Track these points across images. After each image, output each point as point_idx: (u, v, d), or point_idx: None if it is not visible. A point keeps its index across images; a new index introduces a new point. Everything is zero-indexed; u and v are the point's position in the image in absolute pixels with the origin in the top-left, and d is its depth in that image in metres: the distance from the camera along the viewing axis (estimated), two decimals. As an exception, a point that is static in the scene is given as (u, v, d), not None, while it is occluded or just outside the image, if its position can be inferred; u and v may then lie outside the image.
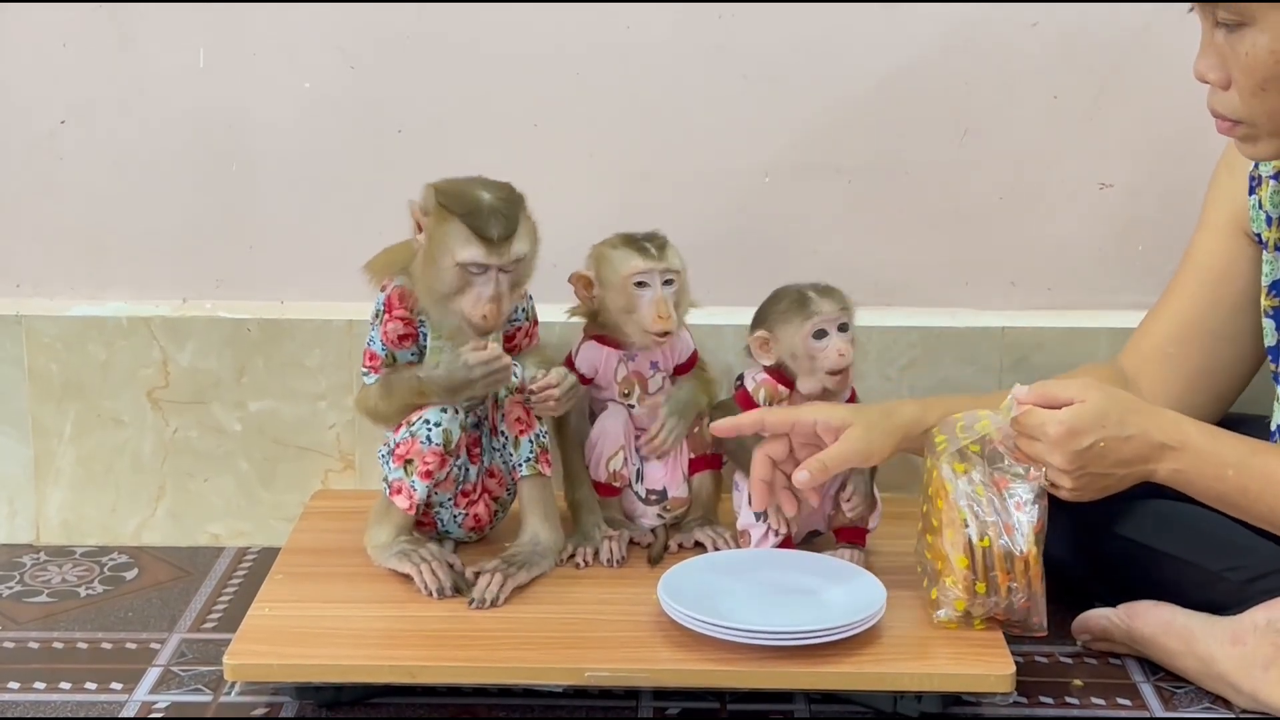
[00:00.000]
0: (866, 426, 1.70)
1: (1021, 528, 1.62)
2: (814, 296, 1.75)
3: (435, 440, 1.73)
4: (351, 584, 1.74)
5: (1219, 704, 1.66)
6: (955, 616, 1.65)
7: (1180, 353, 1.82)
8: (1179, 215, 1.95)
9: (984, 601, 1.64)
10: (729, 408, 1.79)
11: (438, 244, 1.68)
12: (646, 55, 1.98)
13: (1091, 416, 1.59)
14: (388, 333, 1.75)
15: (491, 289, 1.67)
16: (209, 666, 1.73)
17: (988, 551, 1.62)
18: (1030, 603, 1.64)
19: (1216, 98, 1.63)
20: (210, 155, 2.00)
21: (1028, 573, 1.63)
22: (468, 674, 1.61)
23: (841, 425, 1.69)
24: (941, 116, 2.00)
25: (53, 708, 1.67)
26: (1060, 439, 1.58)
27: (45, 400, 2.02)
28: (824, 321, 1.74)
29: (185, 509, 2.05)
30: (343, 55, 1.98)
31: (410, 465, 1.73)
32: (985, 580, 1.63)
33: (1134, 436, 1.59)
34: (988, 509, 1.63)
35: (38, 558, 2.01)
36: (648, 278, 1.75)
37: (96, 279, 2.03)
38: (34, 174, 2.01)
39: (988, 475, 1.63)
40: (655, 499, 1.81)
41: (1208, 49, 1.61)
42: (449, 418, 1.73)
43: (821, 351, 1.74)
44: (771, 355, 1.77)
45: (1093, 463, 1.59)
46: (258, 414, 2.03)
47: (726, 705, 1.67)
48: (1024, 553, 1.62)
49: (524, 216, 1.71)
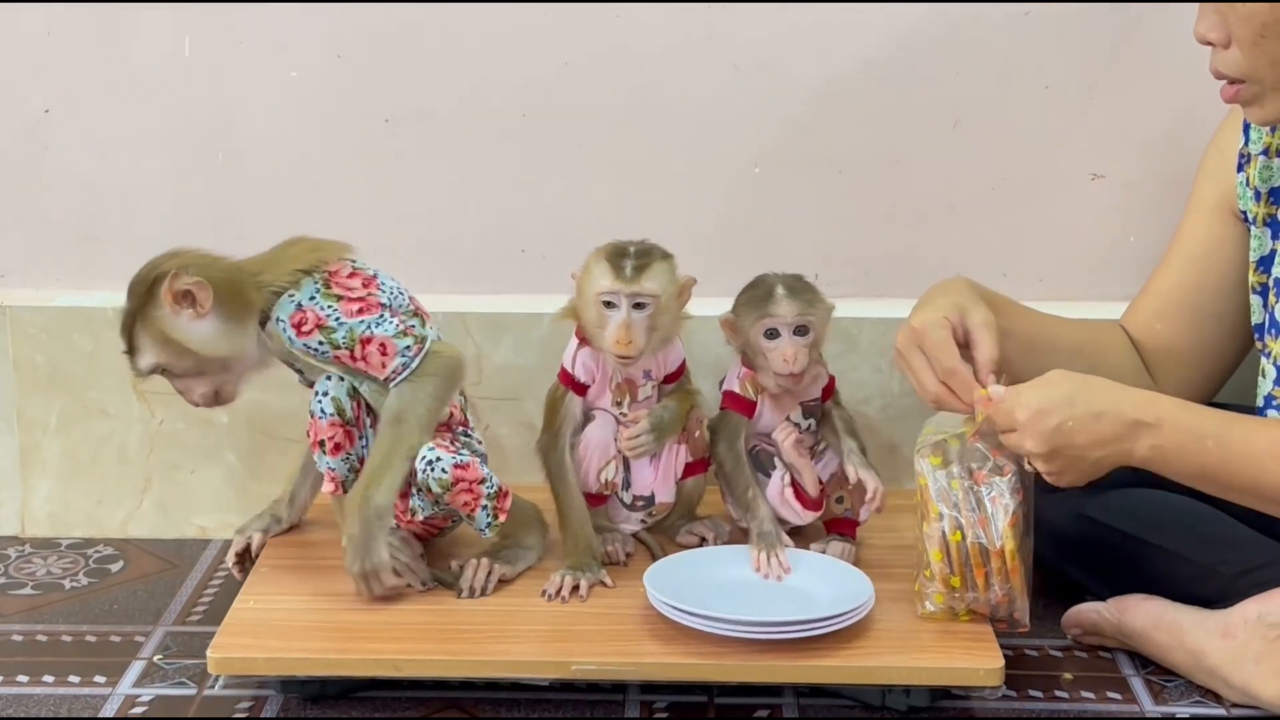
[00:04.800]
0: (978, 306, 1.67)
1: (997, 522, 1.61)
2: (779, 294, 1.72)
3: (328, 411, 1.71)
4: (337, 577, 1.72)
5: (1209, 698, 1.66)
6: (937, 609, 1.64)
7: (1166, 330, 1.82)
8: (1171, 206, 1.94)
9: (961, 596, 1.63)
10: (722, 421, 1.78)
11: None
12: (636, 45, 1.97)
13: (1057, 396, 1.58)
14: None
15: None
16: (194, 660, 1.72)
17: (961, 546, 1.62)
18: (1008, 597, 1.63)
19: (1219, 58, 1.63)
20: (197, 145, 2.00)
21: (1004, 568, 1.62)
22: (454, 667, 1.60)
23: (961, 314, 1.66)
24: (933, 107, 1.99)
25: (36, 701, 1.66)
26: (1028, 422, 1.58)
27: (31, 391, 2.01)
28: (778, 323, 1.72)
29: (172, 501, 2.04)
30: (330, 45, 1.97)
31: (323, 446, 1.72)
32: (960, 575, 1.63)
33: (1104, 414, 1.58)
34: (963, 503, 1.62)
35: (23, 550, 2.00)
36: (614, 299, 1.70)
37: (82, 269, 2.02)
38: (19, 163, 2.00)
39: (965, 470, 1.63)
40: (642, 505, 1.80)
41: (1206, 10, 1.62)
42: (334, 385, 1.71)
43: (772, 351, 1.73)
44: (736, 340, 1.76)
45: (1065, 444, 1.58)
46: (245, 406, 2.00)
47: (714, 699, 1.66)
48: (999, 547, 1.61)
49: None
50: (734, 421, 1.78)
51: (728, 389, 1.79)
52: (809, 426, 1.79)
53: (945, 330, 1.66)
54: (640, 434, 1.75)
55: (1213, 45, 1.63)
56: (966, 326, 1.67)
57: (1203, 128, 1.88)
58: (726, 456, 1.77)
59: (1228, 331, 1.82)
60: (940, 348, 1.66)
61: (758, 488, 1.75)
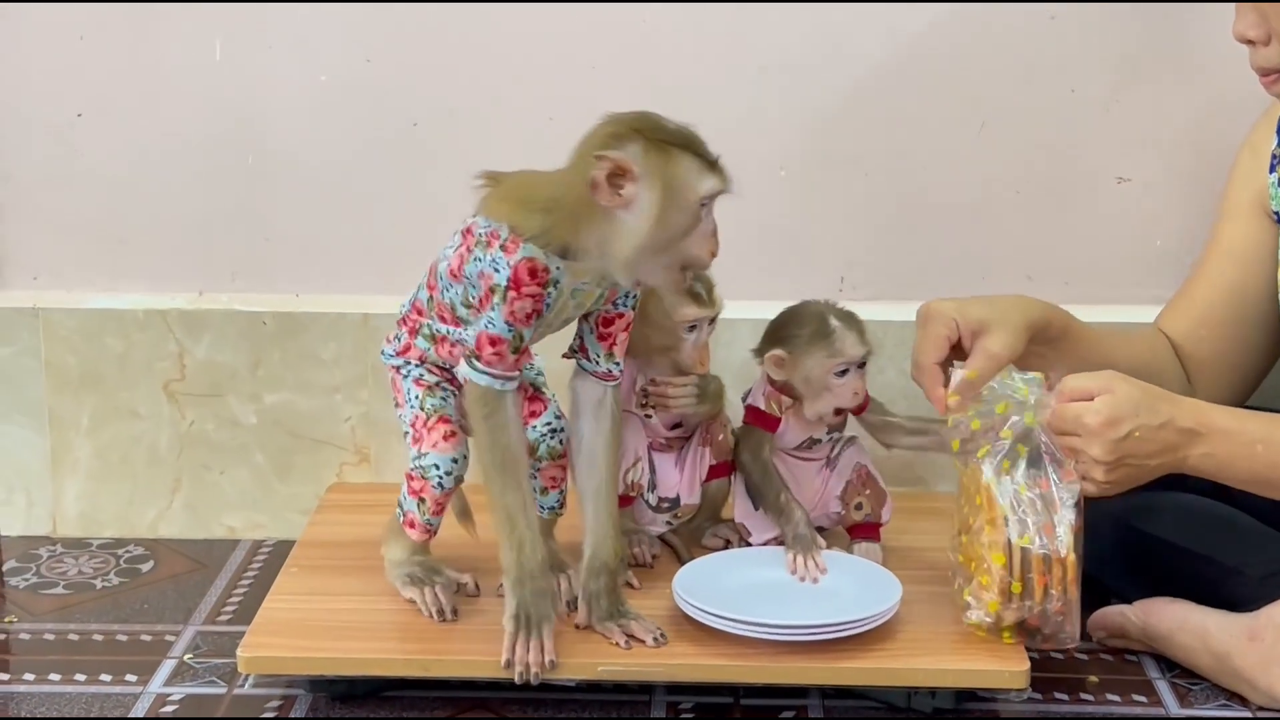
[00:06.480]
0: (1008, 328, 1.66)
1: (1062, 530, 1.59)
2: (837, 328, 1.72)
3: (446, 486, 1.67)
4: (366, 577, 1.73)
5: (1235, 700, 1.66)
6: (986, 620, 1.61)
7: (1208, 335, 1.82)
8: (1197, 209, 1.94)
9: (1018, 605, 1.59)
10: (746, 433, 1.78)
11: (672, 184, 1.52)
12: (663, 48, 1.98)
13: (1127, 404, 1.57)
14: (515, 311, 1.56)
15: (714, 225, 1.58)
16: (223, 659, 1.74)
17: (1027, 551, 1.58)
18: (1065, 609, 1.60)
19: (1260, 55, 1.64)
20: (226, 148, 2.01)
21: (1065, 578, 1.59)
22: (481, 668, 1.61)
23: (980, 327, 1.66)
24: (959, 109, 1.99)
25: (68, 699, 1.67)
26: (1099, 429, 1.56)
27: (62, 392, 2.02)
28: (848, 362, 1.73)
29: (201, 501, 2.05)
30: (358, 48, 1.98)
31: (423, 503, 1.68)
32: (1022, 581, 1.59)
33: (1166, 423, 1.58)
34: (1029, 509, 1.59)
35: (54, 549, 2.02)
36: (699, 323, 1.74)
37: (113, 271, 2.04)
38: (51, 167, 2.01)
39: (1031, 475, 1.59)
40: (667, 506, 1.80)
41: (1244, 9, 1.63)
42: (459, 465, 1.66)
43: (840, 387, 1.74)
44: (784, 374, 1.76)
45: (1130, 452, 1.57)
46: (273, 407, 2.03)
47: (740, 700, 1.66)
48: (1063, 556, 1.59)
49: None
50: (758, 435, 1.78)
51: (752, 404, 1.79)
52: (830, 436, 1.79)
53: (942, 329, 1.67)
54: (687, 385, 1.75)
55: (1252, 44, 1.63)
56: (975, 340, 1.66)
57: (1229, 130, 1.88)
58: (753, 467, 1.77)
59: (1271, 335, 1.81)
60: (926, 341, 1.67)
61: (789, 491, 1.76)
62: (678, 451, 1.81)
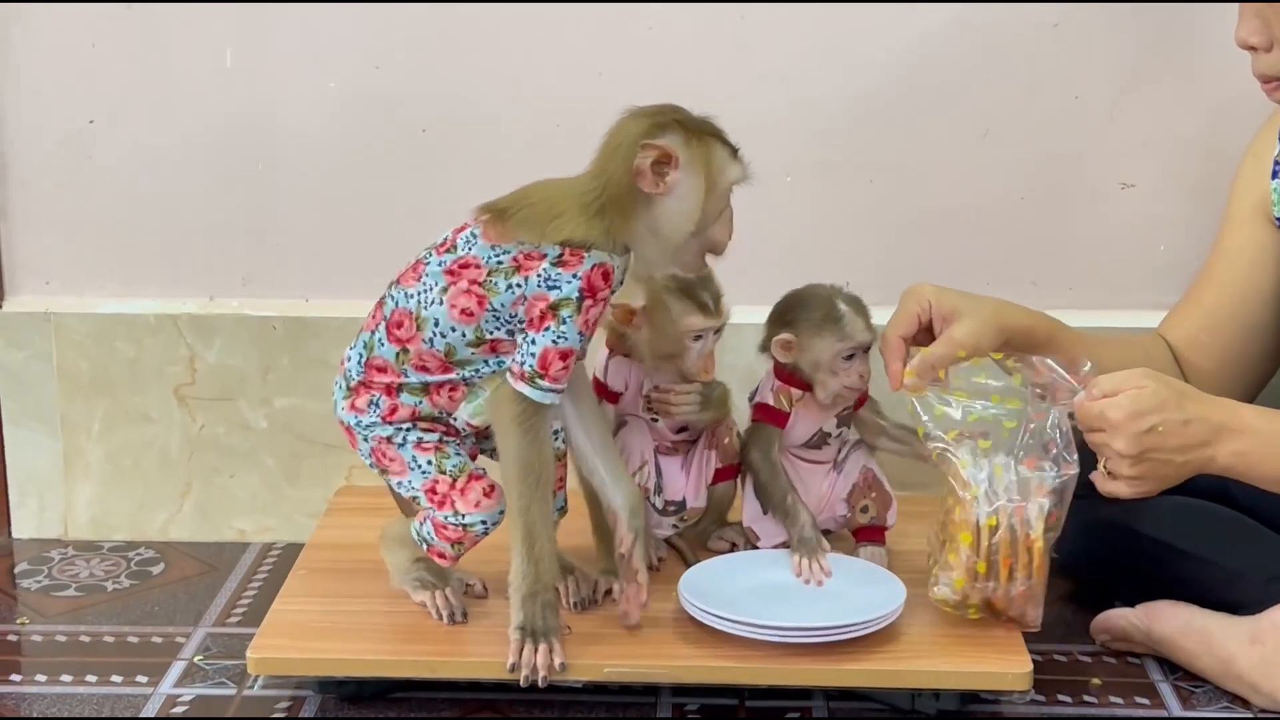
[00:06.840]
0: (978, 320, 1.69)
1: (1034, 514, 1.60)
2: (846, 313, 1.74)
3: (490, 532, 1.64)
4: (374, 580, 1.74)
5: (1238, 704, 1.66)
6: (951, 596, 1.62)
7: (1212, 342, 1.82)
8: (1201, 215, 1.94)
9: (982, 584, 1.61)
10: (755, 432, 1.79)
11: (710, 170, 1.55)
12: (668, 55, 1.99)
13: (1153, 399, 1.57)
14: (589, 320, 1.54)
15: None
16: (233, 660, 1.75)
17: (994, 532, 1.60)
18: (1029, 593, 1.61)
19: (1261, 62, 1.64)
20: (237, 154, 2.02)
21: (1031, 562, 1.60)
22: (489, 669, 1.62)
23: (951, 313, 1.69)
24: (963, 116, 2.00)
25: (79, 700, 1.69)
26: (1122, 423, 1.56)
27: (74, 396, 2.04)
28: (855, 346, 1.74)
29: (211, 505, 2.06)
30: (368, 56, 2.00)
31: (460, 545, 1.64)
32: (987, 561, 1.60)
33: (1192, 420, 1.57)
34: (1003, 490, 1.60)
35: (66, 552, 2.03)
36: (704, 332, 1.75)
37: (125, 277, 2.05)
38: (63, 173, 2.03)
39: (1015, 455, 1.61)
40: (673, 510, 1.81)
41: (1247, 15, 1.63)
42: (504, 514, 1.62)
43: (846, 371, 1.75)
44: (791, 358, 1.77)
45: (1155, 447, 1.57)
46: (283, 411, 2.04)
47: (745, 702, 1.67)
48: (1031, 539, 1.60)
49: None
50: (767, 432, 1.79)
51: (760, 401, 1.80)
52: (840, 435, 1.81)
53: (914, 306, 1.71)
54: (690, 393, 1.76)
55: (1255, 50, 1.64)
56: (944, 325, 1.69)
57: (1232, 136, 1.89)
58: (762, 465, 1.78)
59: (1274, 340, 1.82)
60: (897, 315, 1.72)
61: (795, 493, 1.77)
62: (684, 455, 1.82)
